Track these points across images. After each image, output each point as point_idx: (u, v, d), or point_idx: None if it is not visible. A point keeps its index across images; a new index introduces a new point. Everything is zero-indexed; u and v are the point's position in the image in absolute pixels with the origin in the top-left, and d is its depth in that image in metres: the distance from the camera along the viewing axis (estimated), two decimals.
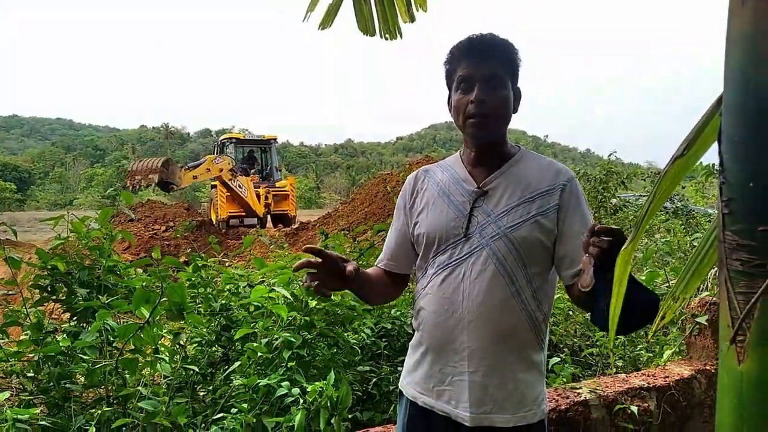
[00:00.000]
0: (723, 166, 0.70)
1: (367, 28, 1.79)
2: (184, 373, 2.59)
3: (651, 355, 3.28)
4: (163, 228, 16.57)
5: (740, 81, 0.67)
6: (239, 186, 17.63)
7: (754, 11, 0.64)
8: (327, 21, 1.75)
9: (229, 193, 17.84)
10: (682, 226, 7.55)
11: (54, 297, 2.59)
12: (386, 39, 1.78)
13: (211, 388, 2.62)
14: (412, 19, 1.77)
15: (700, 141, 0.78)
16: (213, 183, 19.63)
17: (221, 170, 16.99)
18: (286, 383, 2.15)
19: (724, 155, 0.70)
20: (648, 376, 2.73)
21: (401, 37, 1.79)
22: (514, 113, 1.57)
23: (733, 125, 0.68)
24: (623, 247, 0.79)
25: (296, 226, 18.70)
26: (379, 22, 1.79)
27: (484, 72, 1.48)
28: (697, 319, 2.87)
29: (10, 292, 2.72)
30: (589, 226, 1.49)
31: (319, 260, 1.45)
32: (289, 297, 2.37)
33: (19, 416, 1.70)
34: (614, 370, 3.26)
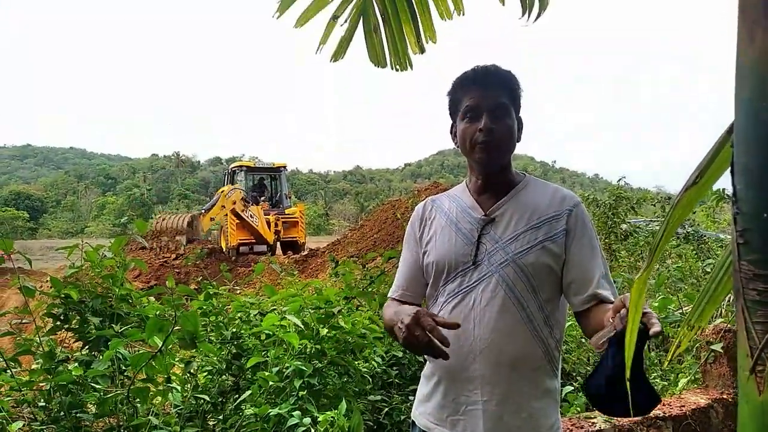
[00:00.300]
0: (736, 196, 0.70)
1: (378, 60, 1.83)
2: (194, 402, 2.58)
3: (666, 383, 3.22)
4: (173, 256, 16.65)
5: (751, 112, 0.68)
6: (251, 216, 17.77)
7: (761, 47, 0.66)
8: (339, 53, 1.79)
9: (239, 221, 17.96)
10: (694, 252, 7.49)
11: (67, 325, 2.60)
12: (397, 70, 1.82)
13: (221, 417, 2.60)
14: (422, 51, 1.81)
15: (711, 169, 0.79)
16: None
17: (234, 203, 17.14)
18: (297, 413, 2.13)
19: (737, 185, 0.70)
20: (663, 405, 2.68)
21: (411, 68, 1.82)
22: (517, 142, 1.60)
23: (745, 155, 0.69)
24: (638, 276, 0.79)
25: (305, 252, 18.75)
26: (390, 53, 1.83)
27: (491, 102, 1.52)
28: (713, 347, 2.83)
29: (23, 321, 2.74)
30: (595, 252, 1.49)
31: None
32: (301, 325, 2.37)
33: None
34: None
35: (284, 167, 21.87)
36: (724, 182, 0.73)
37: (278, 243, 19.82)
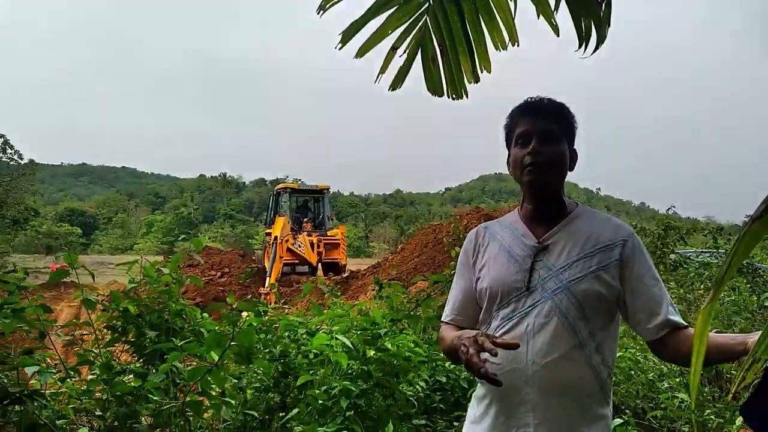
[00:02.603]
0: None
1: (435, 89, 1.88)
2: (242, 418, 2.63)
3: (721, 420, 3.10)
4: (219, 274, 16.99)
5: None
6: (299, 246, 17.92)
7: None
8: (397, 82, 1.86)
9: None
10: (748, 285, 7.20)
11: (124, 338, 2.71)
12: (452, 99, 1.87)
13: None
14: (477, 80, 1.86)
15: None
16: (267, 231, 20.11)
17: (287, 241, 17.16)
18: None
19: None
20: None
21: (467, 96, 1.87)
22: (570, 171, 1.63)
23: None
24: (703, 306, 0.79)
25: (346, 274, 18.82)
26: (446, 83, 1.88)
27: (540, 127, 1.56)
28: None
29: (84, 333, 2.86)
30: (657, 280, 1.50)
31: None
32: (350, 345, 2.40)
33: None
34: None
35: (327, 189, 22.14)
36: None
37: (320, 264, 19.98)
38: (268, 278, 14.76)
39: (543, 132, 1.55)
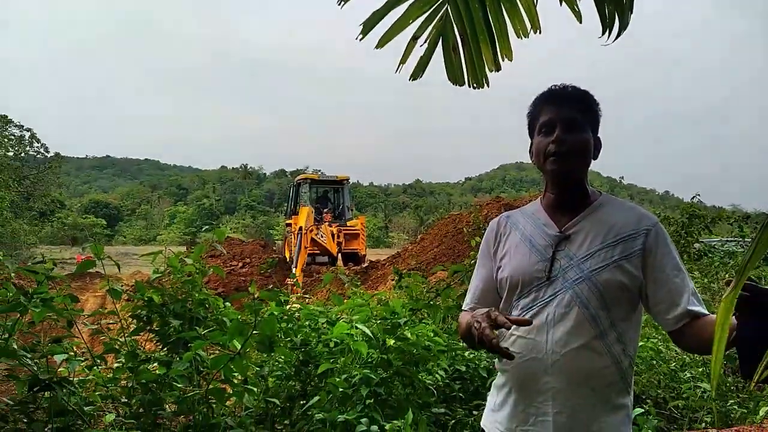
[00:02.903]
0: None
1: (456, 79, 1.87)
2: (264, 405, 2.67)
3: (745, 411, 3.07)
4: (240, 264, 17.15)
5: None
6: (321, 236, 17.92)
7: None
8: (418, 72, 1.85)
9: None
10: None
11: (149, 327, 2.77)
12: (474, 88, 1.86)
13: (287, 422, 2.68)
14: (498, 68, 1.84)
15: None
16: (288, 222, 20.23)
17: (311, 231, 17.08)
18: (365, 419, 2.18)
19: None
20: None
21: (488, 85, 1.86)
22: (594, 159, 1.61)
23: None
24: (725, 295, 0.79)
25: (366, 264, 18.87)
26: (467, 72, 1.87)
27: (564, 116, 1.55)
28: None
29: (110, 322, 2.93)
30: (681, 270, 1.48)
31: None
32: (370, 334, 2.42)
33: None
34: (703, 425, 3.07)
35: (347, 180, 22.19)
36: None
37: (339, 254, 20.07)
38: (294, 268, 14.79)
39: (567, 120, 1.54)
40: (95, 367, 2.60)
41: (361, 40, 1.69)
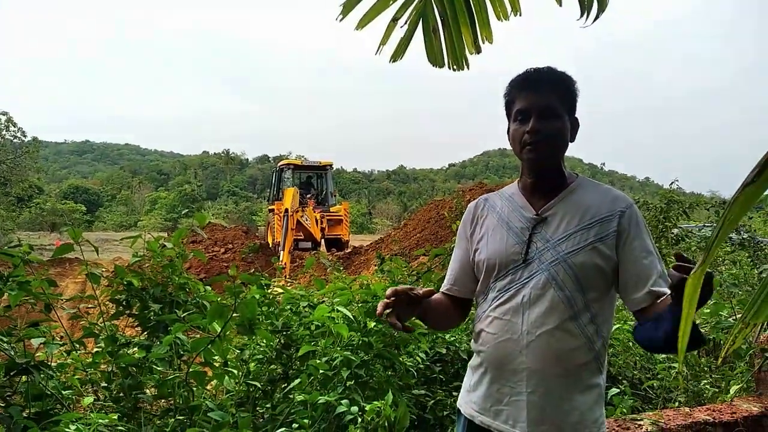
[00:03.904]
0: None
1: (436, 60, 1.87)
2: (245, 388, 2.68)
3: (716, 390, 3.15)
4: (222, 250, 17.07)
5: None
6: (306, 219, 17.76)
7: None
8: (398, 54, 1.85)
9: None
10: (749, 259, 7.22)
11: (128, 311, 2.75)
12: (454, 70, 1.86)
13: (269, 405, 2.69)
14: (479, 51, 1.84)
15: None
16: (270, 207, 20.14)
17: (296, 212, 16.82)
18: (345, 401, 2.20)
19: None
20: (713, 411, 2.63)
21: (468, 67, 1.86)
22: (571, 142, 1.62)
23: None
24: (692, 271, 0.80)
25: (349, 250, 18.91)
26: (447, 54, 1.87)
27: (540, 103, 1.55)
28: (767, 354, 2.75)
29: (89, 306, 2.90)
30: (651, 252, 1.50)
31: (393, 299, 1.47)
32: (351, 316, 2.43)
33: (101, 420, 1.82)
34: (677, 404, 3.15)
35: (330, 165, 22.14)
36: None
37: (323, 240, 20.05)
38: (281, 251, 14.70)
39: (542, 108, 1.54)
40: (74, 352, 2.58)
41: (341, 21, 1.68)
